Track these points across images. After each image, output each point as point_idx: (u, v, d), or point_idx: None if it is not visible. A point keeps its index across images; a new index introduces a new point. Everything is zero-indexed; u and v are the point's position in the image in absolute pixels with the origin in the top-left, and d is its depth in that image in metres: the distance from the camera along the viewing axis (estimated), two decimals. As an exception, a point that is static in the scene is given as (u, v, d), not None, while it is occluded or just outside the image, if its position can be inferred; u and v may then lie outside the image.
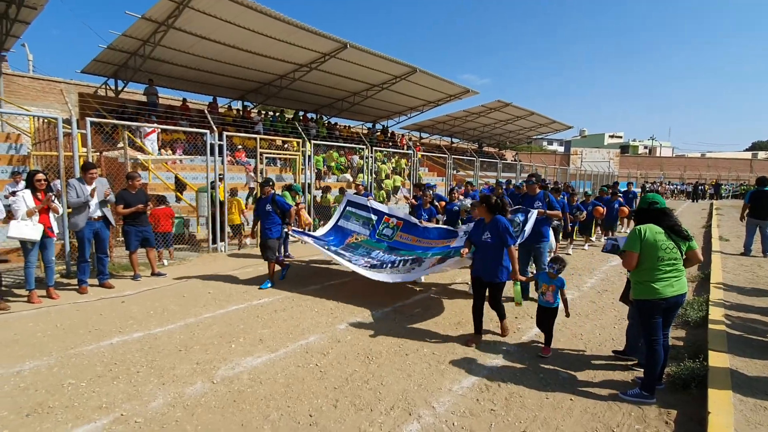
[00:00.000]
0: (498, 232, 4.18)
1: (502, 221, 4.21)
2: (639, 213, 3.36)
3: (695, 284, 6.54)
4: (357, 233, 6.62)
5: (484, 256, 4.28)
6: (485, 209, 4.30)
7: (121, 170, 8.49)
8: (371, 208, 6.69)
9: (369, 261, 5.79)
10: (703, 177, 40.81)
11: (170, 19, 11.14)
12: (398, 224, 6.41)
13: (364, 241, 6.46)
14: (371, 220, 6.60)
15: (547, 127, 31.29)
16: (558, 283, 4.02)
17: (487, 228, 4.28)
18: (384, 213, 6.62)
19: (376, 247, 6.27)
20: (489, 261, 4.22)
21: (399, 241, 6.19)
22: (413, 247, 6.05)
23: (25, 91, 14.44)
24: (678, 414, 3.07)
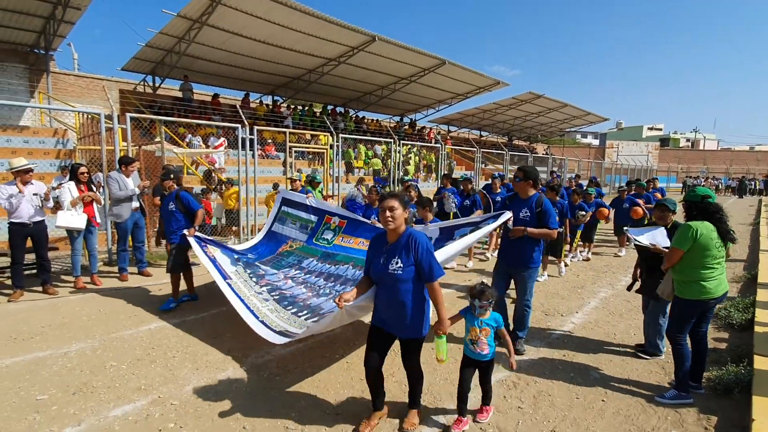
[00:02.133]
0: (414, 258, 2.52)
1: (419, 240, 2.53)
2: (690, 207, 3.17)
3: (741, 285, 6.19)
4: (293, 239, 5.48)
5: (388, 296, 2.59)
6: (400, 210, 2.56)
7: (158, 164, 8.84)
8: (310, 207, 5.55)
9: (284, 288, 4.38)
10: (751, 171, 38.33)
11: (204, 16, 11.43)
12: (341, 224, 5.26)
13: (299, 248, 5.34)
14: (310, 222, 5.45)
15: (582, 119, 30.15)
16: (492, 323, 2.80)
17: (398, 250, 2.55)
18: (325, 212, 5.46)
19: (310, 254, 5.15)
20: (398, 305, 2.57)
21: (339, 245, 5.05)
22: (354, 251, 4.89)
23: (71, 89, 15.22)
24: (718, 420, 2.92)
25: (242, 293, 3.98)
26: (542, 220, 3.78)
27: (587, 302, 5.52)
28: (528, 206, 3.83)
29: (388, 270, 2.54)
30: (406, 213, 2.58)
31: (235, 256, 5.03)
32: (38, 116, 13.94)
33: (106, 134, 6.60)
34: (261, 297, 4.05)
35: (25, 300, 5.13)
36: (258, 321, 3.38)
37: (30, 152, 9.95)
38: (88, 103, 15.02)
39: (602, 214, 8.13)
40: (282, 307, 3.78)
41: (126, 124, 6.71)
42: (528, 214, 3.82)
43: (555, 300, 5.58)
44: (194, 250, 4.66)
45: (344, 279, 4.39)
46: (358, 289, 2.67)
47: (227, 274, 4.38)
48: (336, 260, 4.85)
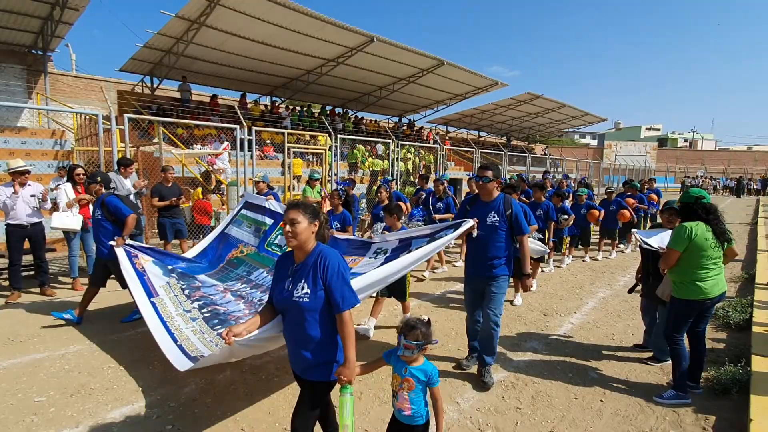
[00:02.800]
0: (322, 281, 2.02)
1: (329, 260, 2.03)
2: (684, 209, 3.19)
3: (738, 285, 6.20)
4: (245, 244, 5.04)
5: (295, 330, 2.10)
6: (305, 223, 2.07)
7: (156, 164, 8.82)
8: (267, 209, 5.10)
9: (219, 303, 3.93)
10: (748, 172, 38.44)
11: (202, 17, 11.42)
12: None
13: (249, 254, 4.89)
14: (264, 225, 4.98)
15: (580, 119, 30.21)
16: (420, 375, 2.11)
17: (305, 272, 2.05)
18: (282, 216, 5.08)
19: (261, 263, 4.61)
20: (305, 340, 2.06)
21: None
22: None
23: (68, 90, 15.19)
24: (716, 420, 2.93)
25: (166, 313, 3.56)
26: (515, 224, 3.39)
27: (586, 302, 5.53)
28: (495, 209, 3.40)
29: (293, 297, 2.02)
30: (314, 226, 2.08)
31: (169, 267, 4.51)
32: (36, 117, 13.90)
33: (104, 135, 6.58)
34: (188, 316, 3.58)
35: (23, 301, 5.12)
36: (175, 345, 3.00)
37: (28, 153, 9.92)
38: (86, 104, 14.99)
39: (593, 216, 7.77)
40: (210, 327, 3.35)
41: (124, 125, 6.69)
42: (497, 218, 3.40)
43: (553, 300, 5.59)
44: (121, 263, 4.09)
45: None
46: (261, 318, 2.20)
47: (154, 290, 3.97)
48: None
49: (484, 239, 3.42)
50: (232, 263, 4.84)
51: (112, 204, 4.47)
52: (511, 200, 3.44)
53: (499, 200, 3.45)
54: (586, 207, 7.85)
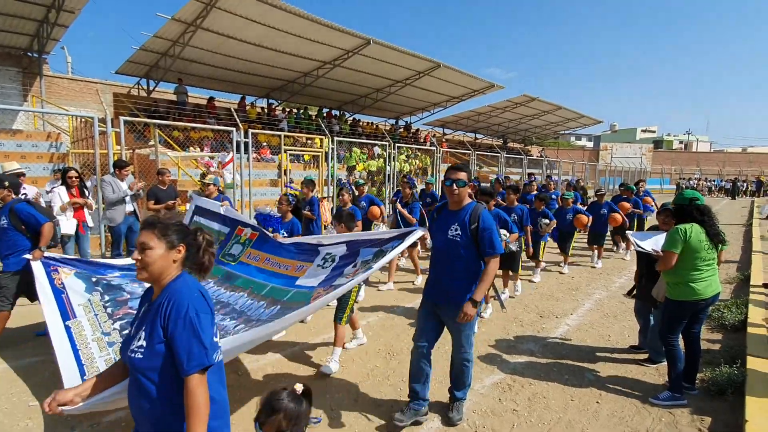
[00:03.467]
0: (163, 331, 1.50)
1: (177, 302, 1.50)
2: (678, 210, 3.20)
3: (733, 285, 6.24)
4: None
5: (132, 393, 1.59)
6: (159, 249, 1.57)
7: (152, 167, 8.80)
8: (222, 216, 4.60)
9: None
10: (743, 173, 38.71)
11: (198, 20, 11.41)
12: (251, 237, 4.32)
13: None
14: (221, 234, 4.53)
15: (576, 121, 30.35)
16: None
17: (149, 317, 1.59)
18: (238, 223, 4.51)
19: (213, 274, 4.11)
20: (137, 409, 1.55)
21: (244, 263, 4.14)
22: (256, 273, 3.96)
23: (64, 92, 15.13)
24: (712, 421, 2.94)
25: (81, 339, 3.18)
26: (480, 242, 2.69)
27: (582, 304, 5.54)
28: (460, 221, 2.73)
29: (128, 350, 1.53)
30: (176, 252, 1.57)
31: (94, 279, 3.95)
32: (31, 120, 13.82)
33: (100, 138, 6.57)
34: (106, 340, 3.20)
35: (18, 306, 5.07)
36: (81, 380, 2.65)
37: (23, 156, 9.85)
38: (82, 106, 14.94)
39: (580, 221, 7.02)
40: None
41: (120, 127, 6.68)
42: (458, 232, 2.73)
43: (549, 302, 5.60)
44: (37, 280, 3.56)
45: (230, 310, 3.50)
46: (100, 381, 1.66)
47: (72, 310, 3.51)
48: (234, 284, 3.92)
49: (443, 257, 2.79)
50: None
51: (24, 211, 3.94)
52: (480, 212, 2.73)
53: (467, 210, 2.76)
54: (572, 212, 7.14)
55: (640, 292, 3.95)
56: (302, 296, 3.25)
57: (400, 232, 3.30)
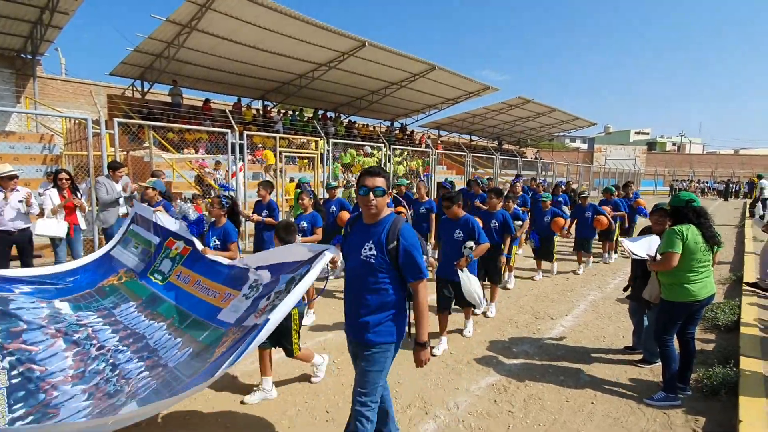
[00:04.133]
0: None
1: None
2: (675, 212, 3.21)
3: (726, 286, 6.29)
4: (126, 270, 3.96)
5: None
6: None
7: (146, 169, 8.75)
8: (154, 224, 4.05)
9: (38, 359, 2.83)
10: (736, 175, 39.10)
11: (193, 21, 11.39)
12: (183, 252, 3.71)
13: (127, 282, 3.85)
14: (152, 246, 4.00)
15: (570, 123, 30.55)
16: None
17: None
18: (169, 234, 3.91)
19: (135, 294, 3.64)
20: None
21: (172, 284, 3.58)
22: (184, 297, 3.38)
23: (57, 94, 15.01)
24: (706, 421, 2.96)
25: None
26: (402, 264, 2.16)
27: (577, 305, 5.57)
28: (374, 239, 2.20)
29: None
30: None
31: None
32: (24, 121, 13.72)
33: (93, 140, 6.52)
34: None
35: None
36: None
37: (16, 158, 9.77)
38: (76, 108, 14.83)
39: (556, 224, 6.52)
40: (8, 405, 2.42)
41: (114, 129, 6.64)
42: (373, 252, 2.18)
43: (545, 303, 5.62)
44: None
45: (142, 347, 2.97)
46: None
47: None
48: (156, 311, 3.36)
49: (356, 283, 2.24)
50: (102, 291, 3.73)
51: None
52: (400, 227, 2.17)
53: (384, 224, 2.20)
54: (550, 214, 6.69)
55: (634, 293, 3.97)
56: (215, 337, 2.76)
57: (314, 250, 2.69)
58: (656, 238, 3.62)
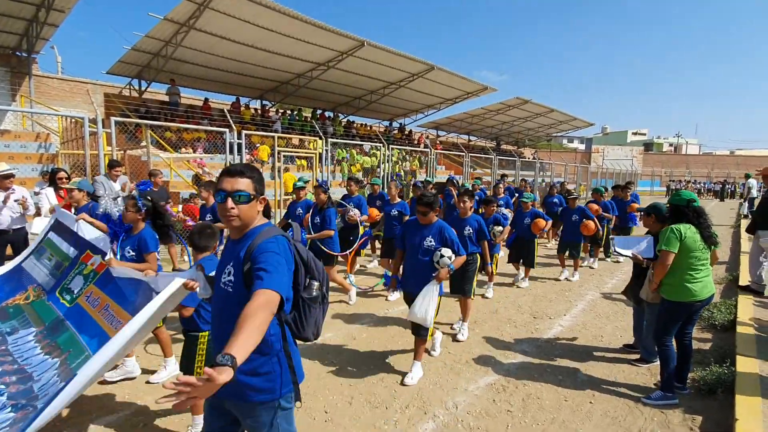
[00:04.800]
0: None
1: None
2: (675, 211, 3.21)
3: (723, 286, 6.32)
4: (35, 286, 3.38)
5: None
6: None
7: (143, 168, 8.72)
8: (74, 235, 3.43)
9: None
10: (731, 175, 39.33)
11: (191, 20, 11.35)
12: (98, 269, 3.04)
13: (34, 302, 3.27)
14: (67, 260, 3.36)
15: (568, 124, 30.65)
16: None
17: None
18: (87, 246, 3.27)
19: (38, 318, 3.06)
20: None
21: (80, 308, 2.93)
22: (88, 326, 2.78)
23: (54, 92, 14.93)
24: (703, 420, 2.97)
25: None
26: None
27: (575, 305, 5.58)
28: (235, 260, 1.69)
29: None
30: None
31: None
32: (20, 120, 13.64)
33: (90, 138, 6.49)
34: None
35: None
36: None
37: (11, 156, 9.71)
38: (72, 106, 14.75)
39: (537, 226, 6.10)
40: None
41: (111, 128, 6.61)
42: (231, 277, 1.68)
43: (543, 303, 5.63)
44: None
45: (24, 390, 2.38)
46: None
47: None
48: (55, 342, 2.78)
49: (216, 315, 1.75)
50: (5, 313, 3.17)
51: None
52: (260, 243, 1.61)
53: (248, 239, 1.67)
54: (530, 216, 6.23)
55: (628, 291, 3.99)
56: None
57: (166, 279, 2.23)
58: (650, 239, 3.65)
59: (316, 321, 1.80)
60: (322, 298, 1.81)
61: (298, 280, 1.73)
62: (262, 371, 1.64)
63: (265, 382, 1.65)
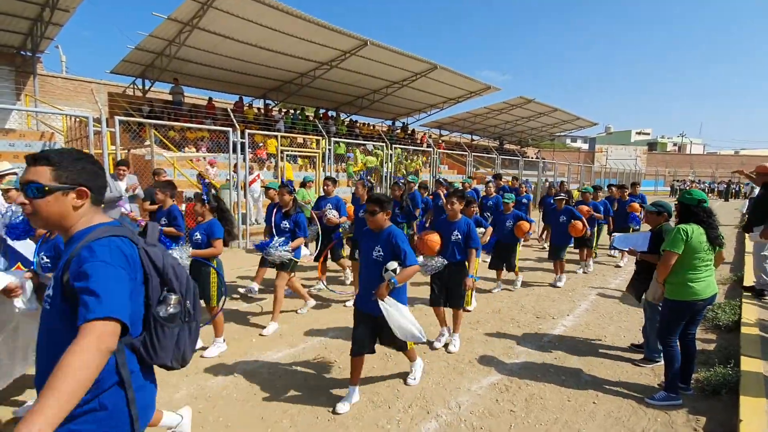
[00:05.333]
0: None
1: None
2: (684, 211, 3.20)
3: (727, 286, 6.29)
4: None
5: None
6: None
7: (147, 167, 8.75)
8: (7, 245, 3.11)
9: None
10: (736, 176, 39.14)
11: (195, 20, 11.38)
12: None
13: None
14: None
15: (571, 123, 30.53)
16: None
17: None
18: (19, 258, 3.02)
19: None
20: None
21: None
22: None
23: (58, 92, 15.01)
24: (707, 421, 2.96)
25: None
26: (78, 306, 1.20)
27: (578, 305, 5.57)
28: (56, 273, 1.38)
29: None
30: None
31: None
32: (24, 119, 13.72)
33: (94, 138, 6.52)
34: None
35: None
36: None
37: (16, 156, 9.76)
38: (76, 106, 14.81)
39: (520, 229, 5.73)
40: None
41: (115, 127, 6.64)
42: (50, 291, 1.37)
43: (546, 303, 5.62)
44: None
45: None
46: None
47: None
48: None
49: (43, 339, 1.37)
50: None
51: None
52: (93, 246, 1.29)
53: (73, 244, 1.36)
54: (513, 218, 5.84)
55: (630, 285, 3.96)
56: None
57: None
58: (648, 234, 3.73)
59: (179, 344, 1.47)
60: (184, 316, 1.47)
61: (149, 293, 1.40)
62: (78, 412, 1.24)
63: (84, 425, 1.25)
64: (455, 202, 4.02)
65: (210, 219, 3.86)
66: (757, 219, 5.37)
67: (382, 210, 3.02)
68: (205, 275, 3.72)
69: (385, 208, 3.04)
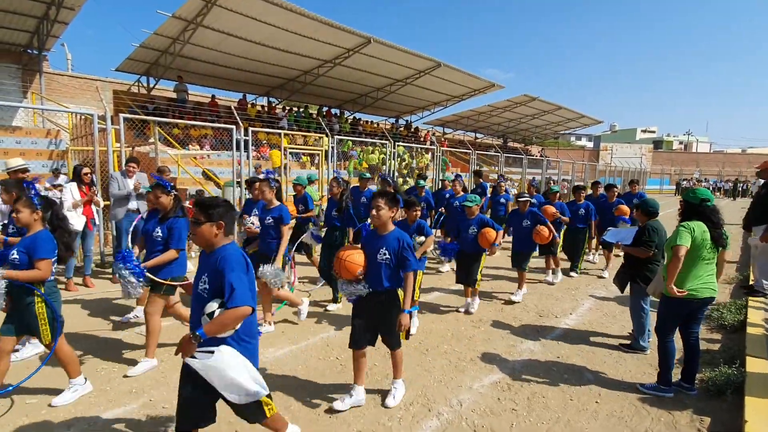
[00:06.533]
0: None
1: None
2: (687, 209, 3.18)
3: (732, 286, 6.24)
4: None
5: None
6: None
7: (152, 165, 8.79)
8: None
9: None
10: (743, 174, 38.72)
11: (199, 17, 11.40)
12: None
13: None
14: None
15: (576, 121, 30.36)
16: None
17: None
18: None
19: None
20: None
21: None
22: None
23: (64, 89, 15.10)
24: (711, 421, 2.94)
25: None
26: None
27: (581, 303, 5.54)
28: None
29: None
30: None
31: None
32: (31, 117, 13.82)
33: (99, 135, 6.56)
34: None
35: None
36: None
37: (22, 153, 9.83)
38: (82, 103, 14.90)
39: (484, 238, 4.73)
40: None
41: (119, 124, 6.67)
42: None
43: (549, 301, 5.60)
44: None
45: None
46: None
47: None
48: None
49: None
50: None
51: None
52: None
53: None
54: (477, 224, 4.86)
55: (617, 275, 4.14)
56: None
57: None
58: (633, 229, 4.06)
59: None
60: None
61: None
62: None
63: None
64: (382, 207, 2.83)
65: (38, 230, 2.88)
66: (756, 217, 5.32)
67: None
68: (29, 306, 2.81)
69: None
